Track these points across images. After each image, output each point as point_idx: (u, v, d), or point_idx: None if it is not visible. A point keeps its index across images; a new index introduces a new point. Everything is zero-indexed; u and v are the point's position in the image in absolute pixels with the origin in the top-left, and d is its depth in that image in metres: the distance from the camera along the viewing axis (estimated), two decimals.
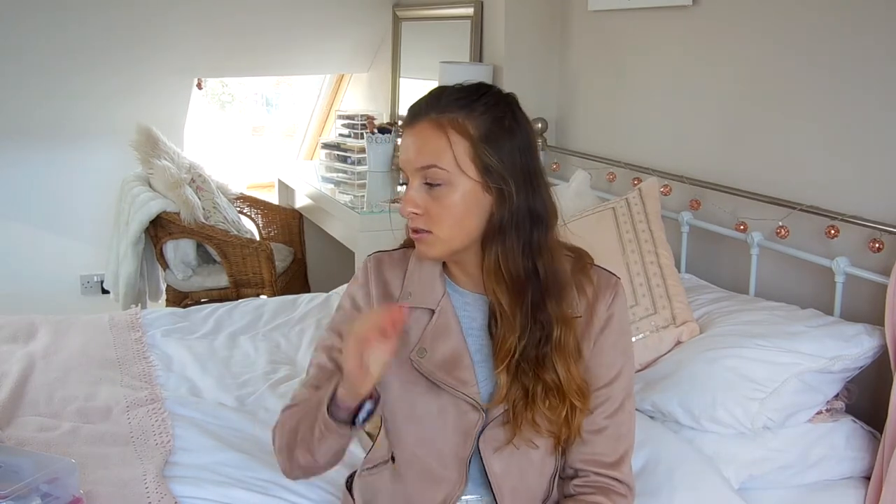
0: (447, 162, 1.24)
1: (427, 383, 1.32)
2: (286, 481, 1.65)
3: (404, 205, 1.26)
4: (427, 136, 1.25)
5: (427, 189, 1.25)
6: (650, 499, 1.59)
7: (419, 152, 1.25)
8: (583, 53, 3.09)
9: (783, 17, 2.18)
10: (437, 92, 1.29)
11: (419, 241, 1.28)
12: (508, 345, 1.27)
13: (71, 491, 1.43)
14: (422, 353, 1.32)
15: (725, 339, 1.86)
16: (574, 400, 1.28)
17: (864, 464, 1.76)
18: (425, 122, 1.26)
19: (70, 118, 3.95)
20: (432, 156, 1.24)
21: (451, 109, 1.25)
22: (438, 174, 1.24)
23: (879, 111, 1.93)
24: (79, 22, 3.62)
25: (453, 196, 1.24)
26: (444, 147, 1.24)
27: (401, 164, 1.29)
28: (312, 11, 4.08)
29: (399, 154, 1.31)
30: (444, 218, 1.25)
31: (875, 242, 1.85)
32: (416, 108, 1.29)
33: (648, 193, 2.28)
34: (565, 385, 1.27)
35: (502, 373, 1.28)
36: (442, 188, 1.24)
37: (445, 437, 1.32)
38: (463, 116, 1.24)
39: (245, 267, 3.49)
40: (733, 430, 1.74)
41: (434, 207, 1.25)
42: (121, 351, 2.29)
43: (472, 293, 1.36)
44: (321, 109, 4.96)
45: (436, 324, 1.33)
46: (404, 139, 1.29)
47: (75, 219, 4.13)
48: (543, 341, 1.27)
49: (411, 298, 1.34)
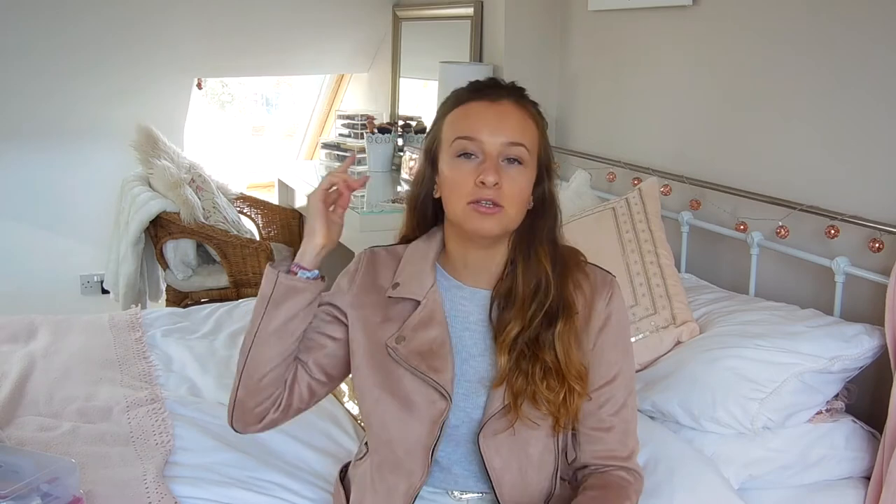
0: (530, 143, 1.30)
1: (399, 371, 1.33)
2: (286, 481, 1.65)
3: (487, 174, 1.25)
4: (515, 115, 1.30)
5: (504, 166, 1.27)
6: (650, 499, 1.59)
7: (509, 128, 1.28)
8: (583, 53, 3.09)
9: (783, 16, 2.18)
10: (511, 84, 1.34)
11: (490, 215, 1.27)
12: (513, 328, 1.30)
13: (71, 491, 1.43)
14: (399, 341, 1.33)
15: (725, 339, 1.86)
16: (573, 383, 1.29)
17: (863, 464, 1.76)
18: (510, 101, 1.30)
19: (70, 118, 3.95)
20: (522, 134, 1.29)
21: (529, 101, 1.33)
22: (522, 152, 1.28)
23: (879, 111, 1.93)
24: (79, 22, 3.62)
25: (526, 178, 1.30)
26: (531, 129, 1.31)
27: (473, 133, 1.28)
28: (312, 11, 4.08)
29: (463, 125, 1.29)
30: (516, 196, 1.28)
31: (875, 242, 1.85)
32: (495, 86, 1.32)
33: (648, 193, 2.28)
34: (564, 367, 1.29)
35: (503, 355, 1.30)
36: (520, 167, 1.29)
37: (412, 425, 1.32)
38: (535, 110, 1.33)
39: (245, 267, 3.49)
40: (733, 431, 1.74)
41: (511, 184, 1.27)
42: (121, 351, 2.29)
43: (469, 287, 1.36)
44: (321, 109, 4.96)
45: (420, 314, 1.34)
46: (480, 112, 1.29)
47: (75, 219, 4.13)
48: (546, 324, 1.30)
49: (399, 289, 1.36)
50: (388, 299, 1.37)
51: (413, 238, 1.42)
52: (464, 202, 1.27)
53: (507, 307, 1.32)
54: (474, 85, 1.34)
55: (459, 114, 1.31)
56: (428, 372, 1.31)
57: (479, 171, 1.26)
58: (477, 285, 1.36)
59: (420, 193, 1.38)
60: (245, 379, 1.34)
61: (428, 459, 1.33)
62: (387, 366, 1.34)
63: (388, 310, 1.37)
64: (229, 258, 3.47)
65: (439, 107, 1.38)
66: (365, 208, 3.15)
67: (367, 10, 4.21)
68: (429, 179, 1.36)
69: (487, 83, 1.34)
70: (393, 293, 1.36)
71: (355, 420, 1.99)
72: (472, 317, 1.36)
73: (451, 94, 1.37)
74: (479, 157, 1.27)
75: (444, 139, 1.32)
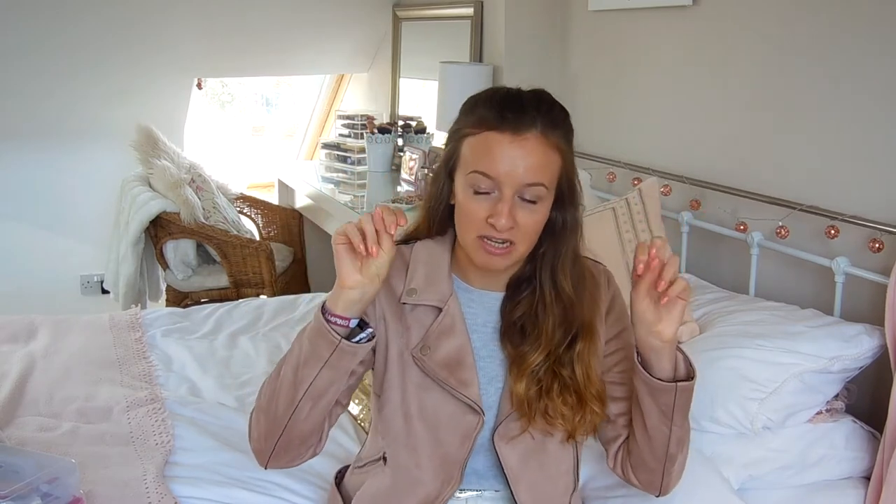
0: (550, 180, 1.24)
1: (427, 381, 1.31)
2: (286, 481, 1.65)
3: (500, 218, 1.20)
4: (539, 152, 1.22)
5: (519, 203, 1.22)
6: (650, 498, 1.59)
7: (529, 169, 1.21)
8: (583, 53, 3.09)
9: (783, 17, 2.18)
10: (536, 98, 1.25)
11: (501, 254, 1.24)
12: (536, 359, 1.28)
13: (71, 491, 1.43)
14: (424, 351, 1.31)
15: (725, 340, 1.86)
16: (593, 405, 1.29)
17: (864, 464, 1.76)
18: (534, 133, 1.21)
19: (70, 118, 3.95)
20: (541, 174, 1.22)
21: (555, 124, 1.24)
22: (541, 192, 1.23)
23: (879, 111, 1.93)
24: (79, 22, 3.62)
25: (543, 211, 1.25)
26: (553, 165, 1.24)
27: (492, 173, 1.21)
28: (312, 11, 4.09)
29: (484, 160, 1.22)
30: (531, 232, 1.25)
31: (875, 242, 1.85)
32: (522, 116, 1.22)
33: (648, 193, 2.28)
34: (582, 386, 1.28)
35: (521, 380, 1.28)
36: (537, 204, 1.24)
37: (441, 437, 1.31)
38: (561, 134, 1.25)
39: (245, 267, 3.49)
40: (733, 431, 1.74)
41: (525, 222, 1.23)
42: (121, 351, 2.29)
43: (478, 290, 1.36)
44: (321, 109, 4.96)
45: (441, 322, 1.32)
46: (504, 149, 1.21)
47: (75, 219, 4.13)
48: (566, 348, 1.29)
49: (416, 296, 1.32)
50: (403, 305, 1.34)
51: (419, 237, 1.38)
52: (474, 234, 1.25)
53: (530, 331, 1.30)
54: (500, 108, 1.22)
55: (481, 143, 1.23)
56: (458, 387, 1.29)
57: (493, 210, 1.22)
58: (487, 288, 1.35)
59: (440, 201, 1.33)
60: (289, 431, 1.26)
61: (459, 472, 1.32)
62: (414, 374, 1.32)
63: (406, 317, 1.33)
64: (229, 258, 3.47)
65: (463, 109, 1.30)
66: (365, 208, 3.15)
67: (367, 10, 4.21)
68: (447, 189, 1.31)
69: (514, 106, 1.23)
70: (409, 300, 1.33)
71: (355, 420, 1.99)
72: (480, 318, 1.35)
73: (476, 102, 1.28)
74: (495, 193, 1.23)
75: (463, 162, 1.26)
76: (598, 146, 2.94)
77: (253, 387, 2.15)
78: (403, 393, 1.32)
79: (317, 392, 1.23)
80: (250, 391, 2.13)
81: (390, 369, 1.33)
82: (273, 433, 1.27)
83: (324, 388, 1.24)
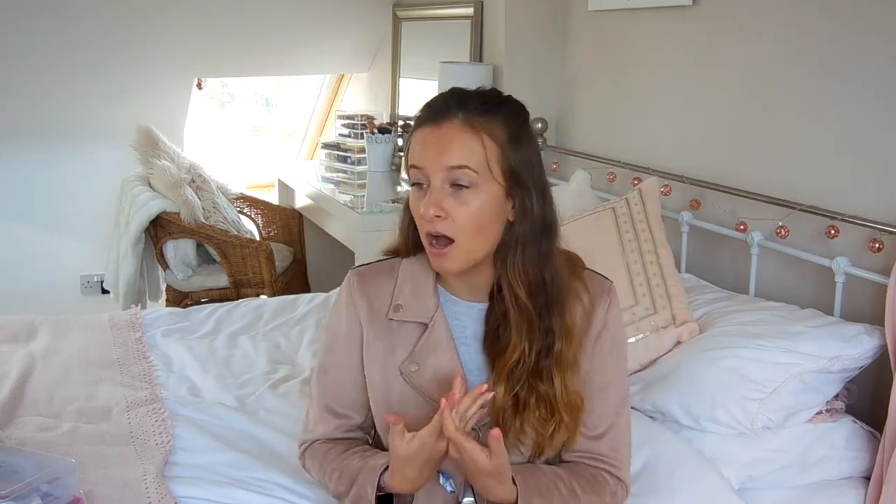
0: (478, 163, 1.21)
1: (417, 398, 1.32)
2: (286, 481, 1.65)
3: (426, 207, 1.21)
4: (457, 136, 1.21)
5: (451, 192, 1.21)
6: (650, 499, 1.59)
7: (449, 152, 1.20)
8: (583, 53, 3.09)
9: (783, 17, 2.18)
10: (460, 93, 1.26)
11: (441, 255, 1.24)
12: (514, 358, 1.26)
13: (71, 491, 1.43)
14: (413, 367, 1.31)
15: (725, 340, 1.86)
16: (564, 415, 1.26)
17: (864, 464, 1.76)
18: (454, 121, 1.22)
19: (70, 118, 3.95)
20: (464, 156, 1.21)
21: (479, 112, 1.23)
22: (468, 175, 1.21)
23: (879, 111, 1.93)
24: (79, 22, 3.62)
25: (479, 200, 1.22)
26: (477, 148, 1.21)
27: (418, 162, 1.23)
28: (312, 11, 4.08)
29: (413, 152, 1.25)
30: (469, 223, 1.21)
31: (875, 242, 1.85)
32: (441, 107, 1.24)
33: (648, 193, 2.28)
34: (559, 397, 1.26)
35: (500, 384, 1.27)
36: (469, 191, 1.21)
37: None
38: (491, 120, 1.23)
39: (245, 267, 3.49)
40: (733, 431, 1.74)
41: (458, 211, 1.21)
42: (121, 351, 2.29)
43: (466, 301, 1.34)
44: (321, 109, 4.97)
45: (429, 338, 1.32)
46: (425, 137, 1.23)
47: (75, 219, 4.13)
48: (544, 353, 1.26)
49: (402, 312, 1.33)
50: (390, 322, 1.34)
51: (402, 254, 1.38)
52: (424, 237, 1.25)
53: (503, 332, 1.28)
54: (428, 107, 1.26)
55: (413, 139, 1.26)
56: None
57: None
58: (474, 299, 1.34)
59: (406, 217, 1.33)
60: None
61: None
62: (404, 391, 1.32)
63: (394, 334, 1.34)
64: (229, 258, 3.47)
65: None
66: (365, 208, 3.15)
67: (367, 10, 4.21)
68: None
69: (439, 101, 1.26)
70: (395, 316, 1.33)
71: None
72: (469, 331, 1.34)
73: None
74: (427, 186, 1.23)
75: (406, 166, 1.28)
76: (598, 146, 2.94)
77: (253, 387, 2.15)
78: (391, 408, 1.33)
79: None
80: (250, 391, 2.12)
81: (375, 388, 1.34)
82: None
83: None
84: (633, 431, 1.41)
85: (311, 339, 2.43)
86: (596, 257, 1.42)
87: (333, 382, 1.39)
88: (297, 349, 2.41)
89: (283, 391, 2.10)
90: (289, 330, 2.55)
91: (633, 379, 1.93)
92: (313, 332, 2.48)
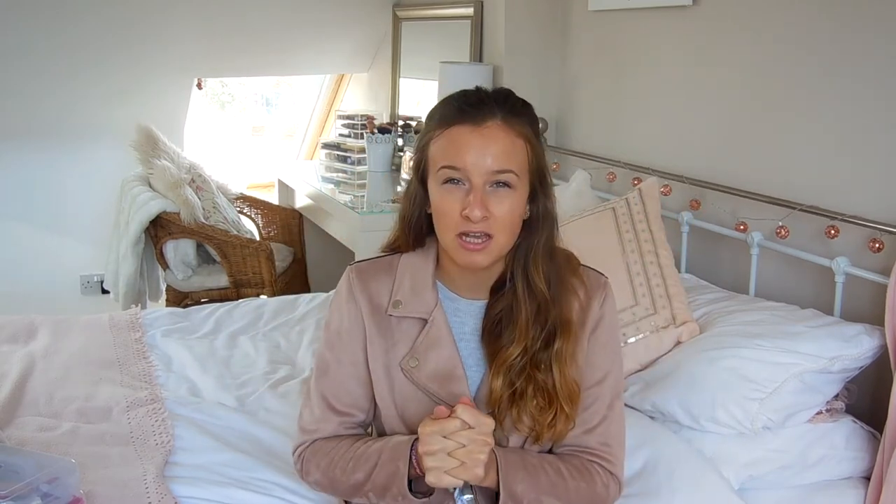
0: (519, 166, 1.25)
1: (418, 393, 1.32)
2: (286, 481, 1.65)
3: (472, 208, 1.22)
4: (501, 138, 1.24)
5: (490, 191, 1.24)
6: (650, 499, 1.59)
7: (494, 155, 1.23)
8: (583, 53, 3.09)
9: (783, 16, 2.18)
10: (497, 93, 1.28)
11: (477, 250, 1.25)
12: (513, 352, 1.28)
13: (71, 491, 1.43)
14: (413, 363, 1.32)
15: (725, 340, 1.85)
16: (564, 405, 1.27)
17: (864, 464, 1.76)
18: (497, 123, 1.24)
19: (70, 118, 3.95)
20: (509, 159, 1.24)
21: (514, 112, 1.26)
22: (511, 178, 1.24)
23: (879, 111, 1.93)
24: (79, 22, 3.62)
25: (515, 198, 1.25)
26: (518, 151, 1.25)
27: (458, 163, 1.23)
28: (312, 11, 4.08)
29: (448, 152, 1.24)
30: (507, 220, 1.25)
31: (875, 242, 1.85)
32: (482, 108, 1.25)
33: (648, 193, 2.28)
34: (558, 388, 1.27)
35: (498, 377, 1.28)
36: (509, 191, 1.24)
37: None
38: (523, 121, 1.27)
39: (245, 267, 3.49)
40: (733, 431, 1.74)
41: (498, 209, 1.24)
42: (121, 351, 2.29)
43: (464, 298, 1.35)
44: (321, 109, 4.96)
45: (428, 334, 1.32)
46: (464, 138, 1.23)
47: (75, 219, 4.13)
48: (543, 346, 1.28)
49: (402, 307, 1.33)
50: (390, 318, 1.34)
51: (403, 249, 1.38)
52: (452, 234, 1.25)
53: (506, 326, 1.30)
54: (460, 103, 1.27)
55: (445, 138, 1.26)
56: (449, 400, 1.29)
57: (465, 202, 1.23)
58: (474, 296, 1.35)
59: (413, 212, 1.34)
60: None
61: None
62: (404, 387, 1.33)
63: (393, 330, 1.34)
64: (229, 258, 3.47)
65: (426, 119, 1.32)
66: (365, 208, 3.15)
67: (367, 10, 4.21)
68: (421, 197, 1.32)
69: (473, 100, 1.26)
70: (395, 312, 1.34)
71: None
72: (467, 327, 1.35)
73: (438, 106, 1.32)
74: (466, 185, 1.24)
75: (431, 163, 1.28)
76: (598, 146, 2.94)
77: (252, 387, 2.15)
78: (394, 402, 1.34)
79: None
80: (250, 391, 2.13)
81: (379, 383, 1.34)
82: (328, 492, 1.41)
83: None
84: (633, 431, 1.42)
85: (311, 339, 2.43)
86: (596, 257, 1.43)
87: (335, 380, 1.39)
88: (297, 349, 2.41)
89: (283, 391, 2.10)
90: (289, 330, 2.55)
91: (633, 379, 1.93)
92: (313, 332, 2.48)
